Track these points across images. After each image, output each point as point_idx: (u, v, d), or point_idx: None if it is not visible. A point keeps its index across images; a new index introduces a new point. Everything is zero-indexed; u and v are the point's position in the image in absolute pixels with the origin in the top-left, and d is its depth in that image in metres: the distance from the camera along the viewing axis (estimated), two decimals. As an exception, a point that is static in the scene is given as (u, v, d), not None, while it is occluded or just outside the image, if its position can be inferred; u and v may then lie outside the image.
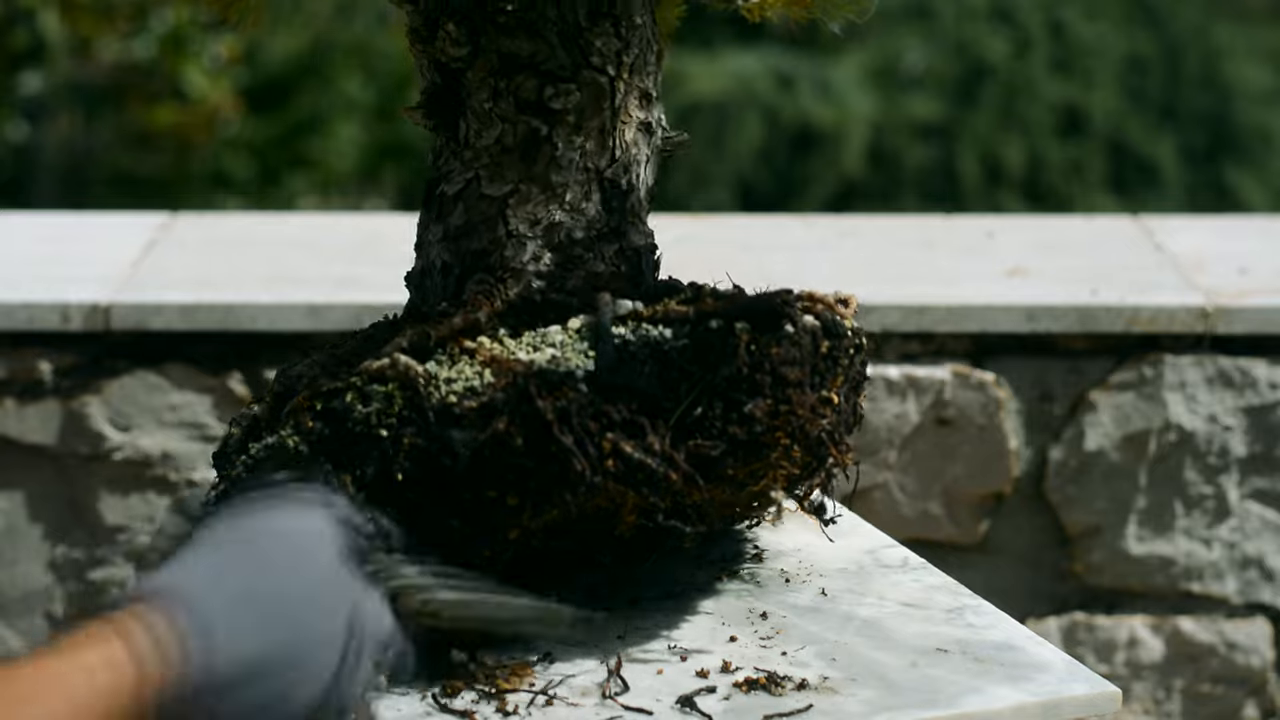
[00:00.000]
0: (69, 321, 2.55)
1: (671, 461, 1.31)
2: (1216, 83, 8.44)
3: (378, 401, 1.33)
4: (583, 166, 1.46)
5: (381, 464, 1.31)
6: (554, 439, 1.29)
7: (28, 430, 2.60)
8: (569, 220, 1.46)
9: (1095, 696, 1.33)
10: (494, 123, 1.46)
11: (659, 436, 1.31)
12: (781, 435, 1.35)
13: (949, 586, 1.50)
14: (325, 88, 8.86)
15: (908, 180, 8.32)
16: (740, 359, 1.33)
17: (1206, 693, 2.71)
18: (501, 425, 1.30)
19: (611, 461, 1.30)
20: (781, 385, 1.34)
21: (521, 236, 1.45)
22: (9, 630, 2.64)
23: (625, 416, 1.31)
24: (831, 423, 1.37)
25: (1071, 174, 8.20)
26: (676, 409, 1.32)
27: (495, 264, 1.45)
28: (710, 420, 1.33)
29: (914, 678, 1.33)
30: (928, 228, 3.02)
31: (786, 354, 1.34)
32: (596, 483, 1.30)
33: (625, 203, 1.48)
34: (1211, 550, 2.69)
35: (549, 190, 1.46)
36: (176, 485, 2.61)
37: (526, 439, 1.30)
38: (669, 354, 1.33)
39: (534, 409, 1.30)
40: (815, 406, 1.35)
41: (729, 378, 1.33)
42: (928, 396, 2.62)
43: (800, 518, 1.63)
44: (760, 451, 1.34)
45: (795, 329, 1.35)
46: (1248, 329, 2.62)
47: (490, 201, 1.46)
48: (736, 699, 1.30)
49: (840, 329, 1.39)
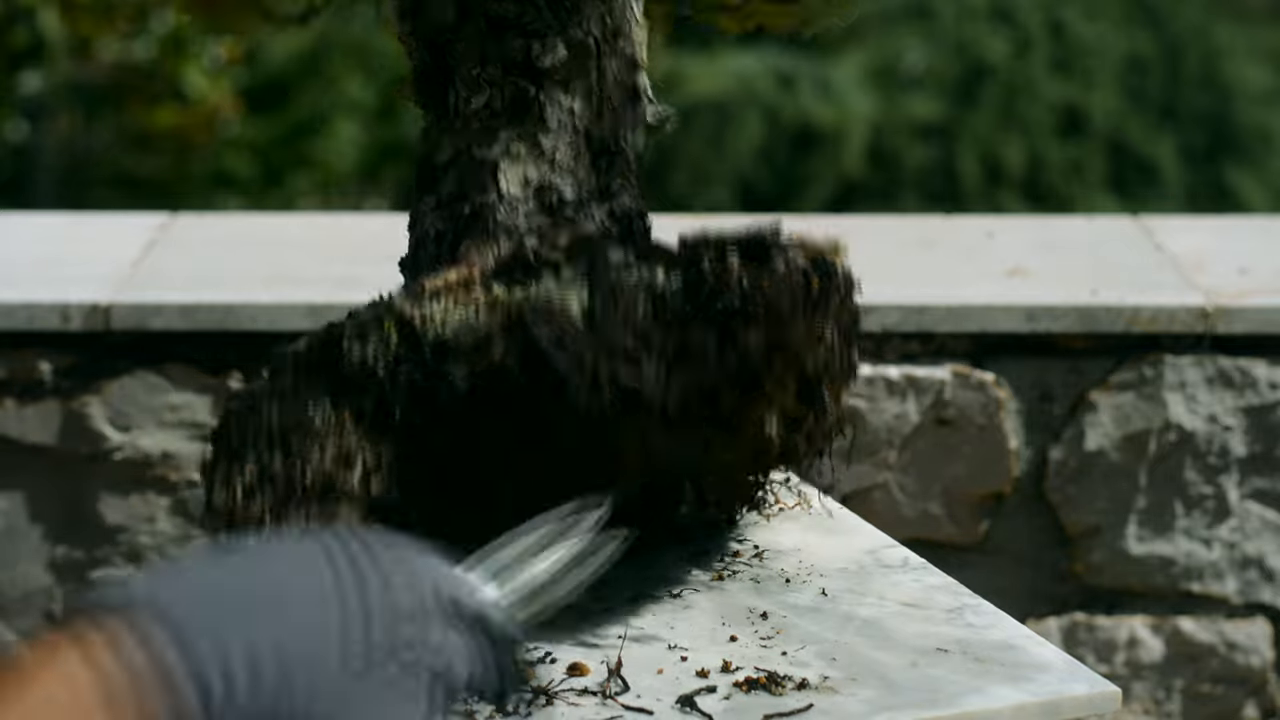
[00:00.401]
0: (69, 321, 2.55)
1: (668, 388, 1.32)
2: (1216, 83, 8.44)
3: (374, 341, 1.34)
4: (571, 127, 1.48)
5: (379, 401, 1.32)
6: (550, 365, 1.30)
7: (28, 430, 2.60)
8: (560, 181, 1.48)
9: (1095, 696, 1.33)
10: (482, 87, 1.48)
11: (654, 366, 1.32)
12: (777, 363, 1.35)
13: (949, 586, 1.50)
14: (325, 88, 8.86)
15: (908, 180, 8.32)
16: (733, 291, 1.33)
17: (1206, 693, 2.71)
18: (498, 355, 1.31)
19: (608, 390, 1.30)
20: (775, 316, 1.35)
21: (513, 198, 1.47)
22: (9, 630, 2.64)
23: (622, 347, 1.32)
24: (826, 359, 1.38)
25: (1071, 174, 8.21)
26: (670, 344, 1.33)
27: (488, 226, 1.47)
28: (706, 353, 1.33)
29: (914, 677, 1.33)
30: (928, 228, 3.02)
31: (778, 286, 1.35)
32: (594, 408, 1.30)
33: (615, 164, 1.50)
34: (1211, 550, 2.69)
35: (539, 151, 1.48)
36: (176, 485, 2.61)
37: (523, 368, 1.30)
38: (662, 292, 1.34)
39: (530, 336, 1.30)
40: (809, 337, 1.37)
41: (722, 309, 1.33)
42: (928, 396, 2.62)
43: (800, 518, 1.63)
44: (755, 382, 1.35)
45: (786, 264, 1.36)
46: (1248, 329, 2.63)
47: (481, 165, 1.48)
48: (736, 699, 1.30)
49: (831, 267, 1.40)
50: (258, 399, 1.34)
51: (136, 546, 2.63)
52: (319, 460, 1.30)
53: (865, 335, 2.60)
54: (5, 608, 2.64)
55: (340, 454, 1.30)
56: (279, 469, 1.30)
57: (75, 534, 2.63)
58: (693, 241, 1.37)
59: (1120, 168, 8.30)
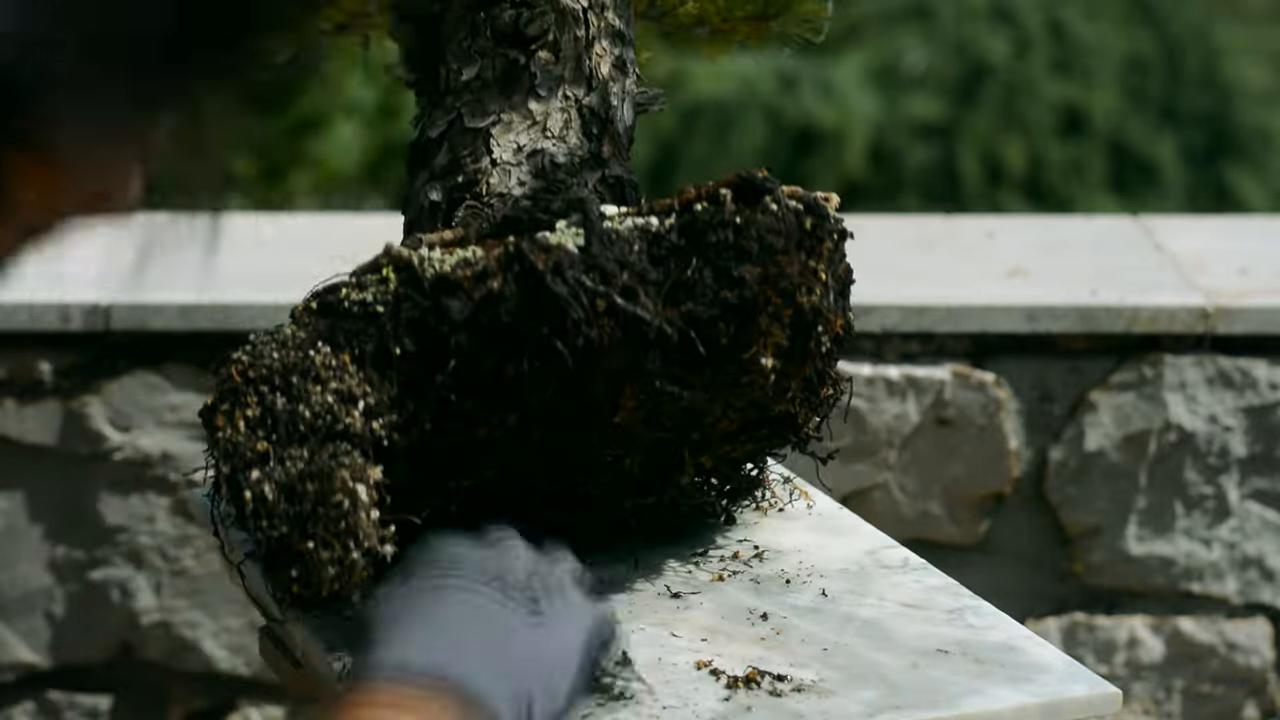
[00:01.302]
0: (69, 321, 2.55)
1: (666, 318, 1.33)
2: (1216, 83, 8.43)
3: (373, 286, 1.35)
4: (561, 94, 1.51)
5: (379, 341, 1.33)
6: (548, 290, 1.31)
7: (28, 430, 2.60)
8: (551, 147, 1.50)
9: (1095, 697, 1.32)
10: (473, 59, 1.51)
11: (651, 299, 1.33)
12: (771, 294, 1.37)
13: (949, 587, 1.49)
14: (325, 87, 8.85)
15: (908, 180, 8.32)
16: (727, 226, 1.36)
17: (1206, 693, 2.71)
18: (496, 285, 1.32)
19: (606, 320, 1.32)
20: (769, 252, 1.37)
21: (505, 164, 1.49)
22: (9, 630, 2.64)
23: (618, 281, 1.33)
24: (820, 299, 1.40)
25: (1072, 174, 8.20)
26: (667, 281, 1.35)
27: (481, 193, 1.48)
28: (701, 287, 1.35)
29: (914, 678, 1.33)
30: (928, 228, 3.02)
31: (771, 223, 1.37)
32: (593, 336, 1.31)
33: (606, 133, 1.51)
34: (1211, 550, 2.69)
35: (530, 119, 1.51)
36: (176, 485, 2.61)
37: (521, 296, 1.31)
38: (656, 234, 1.36)
39: (527, 264, 1.31)
40: (803, 272, 1.38)
41: (716, 244, 1.35)
42: (928, 396, 2.62)
43: (800, 518, 1.63)
44: (751, 315, 1.36)
45: (778, 203, 1.38)
46: (1248, 329, 2.63)
47: (473, 134, 1.51)
48: (736, 699, 1.30)
49: (822, 209, 1.42)
50: (258, 346, 1.35)
51: (136, 546, 2.63)
52: (320, 398, 1.31)
53: (865, 335, 2.60)
54: (5, 608, 2.64)
55: (342, 393, 1.32)
56: (281, 407, 1.31)
57: (75, 534, 2.63)
58: (684, 192, 1.39)
59: (1120, 168, 8.30)
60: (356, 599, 1.31)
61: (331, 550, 1.30)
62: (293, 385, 1.32)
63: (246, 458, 1.32)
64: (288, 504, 1.30)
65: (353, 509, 1.30)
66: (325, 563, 1.30)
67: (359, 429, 1.32)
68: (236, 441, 1.32)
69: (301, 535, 1.30)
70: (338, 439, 1.31)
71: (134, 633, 2.65)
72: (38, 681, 2.66)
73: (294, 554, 1.30)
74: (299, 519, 1.30)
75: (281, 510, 1.30)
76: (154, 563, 2.63)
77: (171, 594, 2.64)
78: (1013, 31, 8.63)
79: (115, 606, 2.64)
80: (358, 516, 1.30)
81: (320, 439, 1.31)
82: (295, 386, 1.32)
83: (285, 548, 1.30)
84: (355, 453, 1.31)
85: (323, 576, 1.30)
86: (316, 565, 1.30)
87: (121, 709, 2.68)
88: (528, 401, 1.34)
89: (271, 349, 1.35)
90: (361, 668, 1.05)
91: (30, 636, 2.64)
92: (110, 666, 2.67)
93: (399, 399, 1.31)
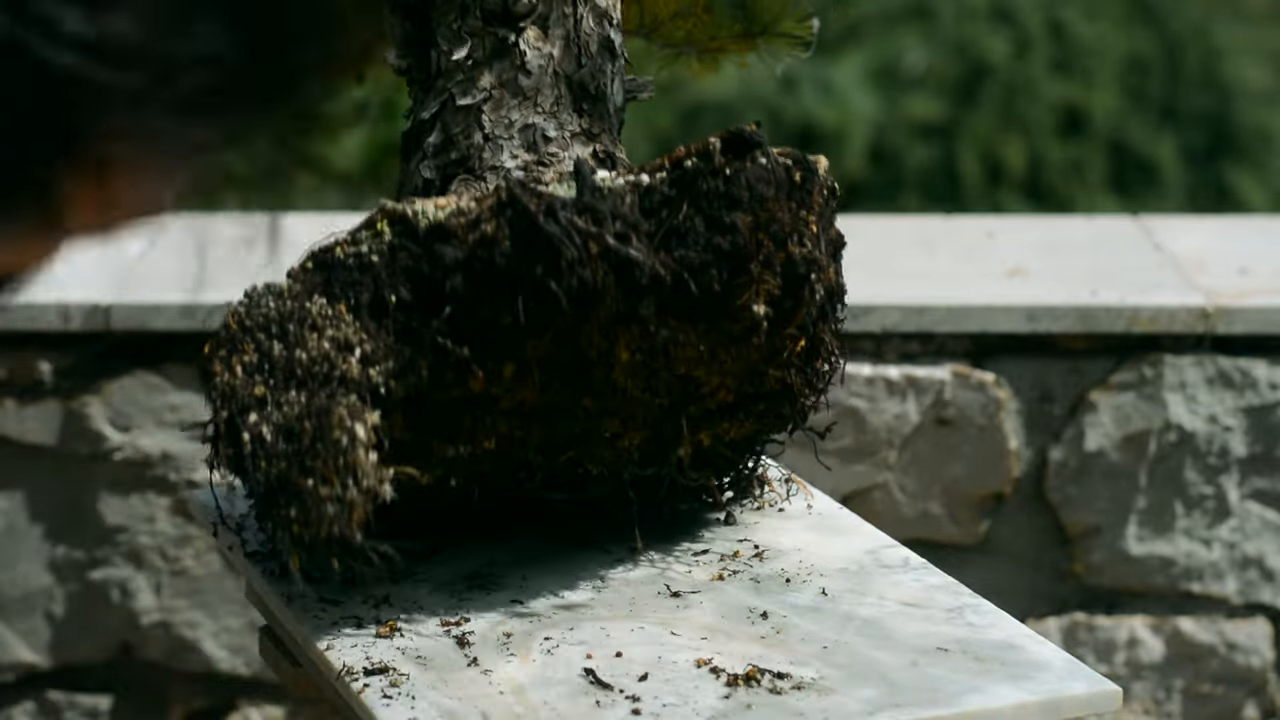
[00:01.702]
0: (69, 321, 2.55)
1: (659, 260, 1.34)
2: (1216, 83, 8.43)
3: (368, 238, 1.36)
4: (551, 71, 1.53)
5: (375, 290, 1.34)
6: (540, 230, 1.31)
7: (28, 430, 2.60)
8: (542, 121, 1.50)
9: (1095, 695, 1.33)
10: (463, 39, 1.53)
11: (645, 243, 1.34)
12: (764, 239, 1.38)
13: (949, 586, 1.49)
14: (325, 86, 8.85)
15: (908, 180, 8.32)
16: (718, 174, 1.37)
17: (1206, 693, 2.71)
18: (489, 229, 1.32)
19: (599, 262, 1.32)
20: (759, 200, 1.39)
21: (498, 139, 1.50)
22: (9, 630, 2.64)
23: (611, 226, 1.33)
24: (811, 249, 1.41)
25: (1072, 174, 8.20)
26: (659, 230, 1.36)
27: (474, 167, 1.49)
28: (694, 234, 1.37)
29: (915, 677, 1.33)
30: (928, 228, 3.02)
31: (761, 173, 1.39)
32: (586, 277, 1.31)
33: (596, 110, 1.52)
34: (1211, 550, 2.69)
35: (520, 94, 1.52)
36: (176, 485, 2.61)
37: (514, 238, 1.32)
38: (648, 187, 1.38)
39: (520, 207, 1.32)
40: (794, 219, 1.39)
41: (707, 192, 1.37)
42: (928, 396, 2.62)
43: (800, 518, 1.63)
44: (743, 261, 1.38)
45: (767, 156, 1.40)
46: (1248, 329, 2.62)
47: (465, 111, 1.53)
48: (736, 696, 1.30)
49: (811, 165, 1.43)
50: (255, 297, 1.36)
51: (136, 546, 2.63)
52: (317, 345, 1.32)
53: (865, 335, 2.60)
54: (5, 608, 2.64)
55: (338, 341, 1.32)
56: (278, 353, 1.32)
57: (75, 534, 2.63)
58: (675, 151, 1.41)
59: (1120, 168, 8.30)
60: (358, 540, 1.30)
61: (331, 487, 1.29)
62: (289, 332, 1.33)
63: (244, 401, 1.32)
64: (286, 444, 1.30)
65: (351, 446, 1.30)
66: (325, 500, 1.29)
67: (355, 375, 1.32)
68: (234, 386, 1.33)
69: (300, 471, 1.29)
70: (334, 384, 1.31)
71: (134, 633, 2.65)
72: (38, 681, 2.66)
73: (293, 491, 1.30)
74: (297, 456, 1.30)
75: (280, 450, 1.30)
76: (154, 563, 2.63)
77: (171, 594, 2.65)
78: (1013, 31, 8.63)
79: (115, 606, 2.64)
80: (356, 454, 1.30)
81: (317, 384, 1.31)
82: (292, 333, 1.33)
83: (284, 484, 1.30)
84: (353, 396, 1.31)
85: (322, 514, 1.29)
86: (316, 502, 1.29)
87: (121, 709, 2.68)
88: (524, 349, 1.35)
89: (268, 299, 1.36)
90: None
91: (30, 636, 2.64)
92: (110, 666, 2.67)
93: (395, 348, 1.32)
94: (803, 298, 1.43)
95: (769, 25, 1.73)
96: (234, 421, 1.32)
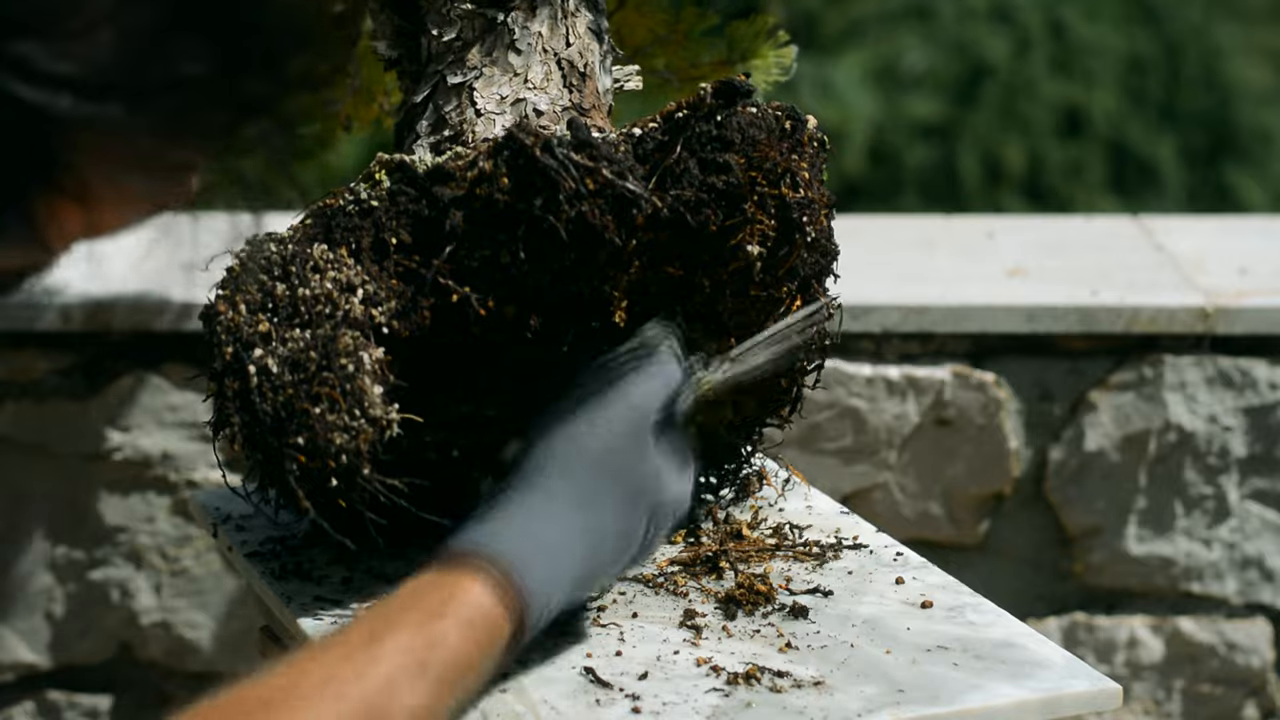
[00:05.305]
0: (69, 321, 2.55)
1: (657, 196, 1.37)
2: (1216, 83, 8.43)
3: (366, 187, 1.37)
4: (540, 48, 1.54)
5: (376, 233, 1.34)
6: (538, 164, 1.32)
7: (27, 430, 2.59)
8: (533, 96, 1.52)
9: (1096, 693, 1.33)
10: (453, 22, 1.54)
11: (640, 182, 1.36)
12: (758, 177, 1.41)
13: (949, 585, 1.50)
14: (325, 87, 8.86)
15: (908, 180, 8.32)
16: (710, 118, 1.40)
17: (1206, 693, 2.71)
18: (487, 166, 1.33)
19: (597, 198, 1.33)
20: (751, 143, 1.41)
21: (490, 114, 1.51)
22: (9, 630, 2.64)
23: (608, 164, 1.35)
24: (804, 194, 1.43)
25: (1071, 174, 8.20)
26: (654, 174, 1.39)
27: (468, 140, 1.51)
28: (689, 176, 1.40)
29: (915, 675, 1.33)
30: (928, 228, 3.03)
31: (752, 118, 1.42)
32: (584, 210, 1.32)
33: (585, 89, 1.53)
34: (1211, 550, 2.69)
35: (511, 71, 1.54)
36: (176, 485, 2.61)
37: (512, 174, 1.33)
38: (642, 136, 1.41)
39: (517, 145, 1.33)
40: (785, 165, 1.42)
41: (700, 135, 1.40)
42: (928, 397, 2.62)
43: (800, 516, 1.63)
44: (738, 201, 1.41)
45: (758, 105, 1.43)
46: (1248, 329, 2.63)
47: (456, 89, 1.54)
48: (736, 695, 1.30)
49: (800, 115, 1.46)
50: (258, 243, 1.37)
51: (136, 546, 2.63)
52: (320, 285, 1.32)
53: (865, 335, 2.60)
54: (5, 608, 2.64)
55: (341, 282, 1.33)
56: (281, 292, 1.33)
57: (75, 534, 2.63)
58: (667, 106, 1.44)
59: (1120, 168, 8.30)
60: (367, 472, 1.30)
61: (338, 413, 1.29)
62: (292, 273, 1.34)
63: (248, 337, 1.32)
64: (292, 374, 1.30)
65: (357, 372, 1.30)
66: (332, 427, 1.29)
67: (359, 315, 1.33)
68: (238, 323, 1.33)
69: (308, 399, 1.29)
70: (338, 322, 1.32)
71: (134, 633, 2.65)
72: (38, 681, 2.66)
73: (300, 418, 1.30)
74: (305, 383, 1.30)
75: (287, 379, 1.30)
76: (154, 563, 2.63)
77: (171, 594, 2.65)
78: (1013, 31, 8.63)
79: (115, 606, 2.64)
80: (362, 380, 1.30)
81: (321, 320, 1.32)
82: (295, 274, 1.33)
83: (291, 412, 1.30)
84: (356, 332, 1.32)
85: (330, 442, 1.29)
86: (323, 430, 1.29)
87: (121, 709, 2.68)
88: (524, 288, 1.35)
89: (269, 244, 1.36)
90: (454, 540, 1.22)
91: (30, 636, 2.64)
92: (110, 666, 2.67)
93: (397, 289, 1.33)
94: (795, 240, 1.45)
95: (747, 52, 1.76)
96: (239, 356, 1.32)
